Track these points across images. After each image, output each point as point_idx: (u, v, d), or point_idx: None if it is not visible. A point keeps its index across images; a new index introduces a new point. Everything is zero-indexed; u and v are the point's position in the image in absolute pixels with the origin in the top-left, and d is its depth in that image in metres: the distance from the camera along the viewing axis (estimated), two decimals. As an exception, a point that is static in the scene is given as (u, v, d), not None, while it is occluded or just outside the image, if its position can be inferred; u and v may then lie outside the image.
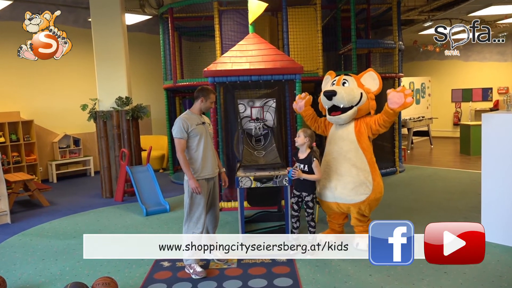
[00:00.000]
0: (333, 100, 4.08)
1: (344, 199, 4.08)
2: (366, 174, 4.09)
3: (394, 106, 3.83)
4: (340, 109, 4.11)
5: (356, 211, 4.14)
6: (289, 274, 3.68)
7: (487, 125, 4.28)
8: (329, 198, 4.17)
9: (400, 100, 3.80)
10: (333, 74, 4.52)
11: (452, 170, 8.18)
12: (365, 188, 4.06)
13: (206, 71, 5.18)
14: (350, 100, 4.07)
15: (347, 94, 4.07)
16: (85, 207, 6.43)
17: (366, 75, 4.25)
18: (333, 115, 4.17)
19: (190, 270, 3.73)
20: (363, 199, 4.06)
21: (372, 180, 4.09)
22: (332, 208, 4.23)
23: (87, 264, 4.10)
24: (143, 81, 10.37)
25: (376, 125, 4.06)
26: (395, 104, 3.82)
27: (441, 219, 5.07)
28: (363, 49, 7.75)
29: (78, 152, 9.06)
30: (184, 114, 3.77)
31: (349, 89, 4.13)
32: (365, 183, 4.07)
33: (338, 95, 4.06)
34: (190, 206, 3.71)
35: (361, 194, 4.05)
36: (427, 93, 12.88)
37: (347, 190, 4.05)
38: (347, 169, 4.09)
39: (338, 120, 4.17)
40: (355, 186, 4.05)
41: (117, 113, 6.92)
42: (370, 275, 3.60)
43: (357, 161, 4.09)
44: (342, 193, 4.06)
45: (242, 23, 6.90)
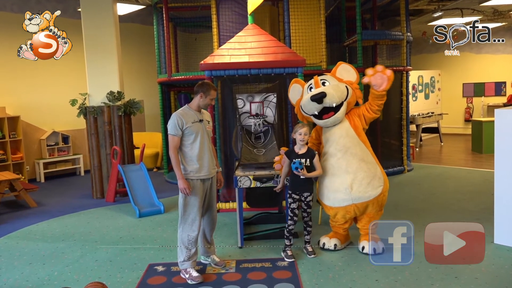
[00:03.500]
0: (324, 102, 4.10)
1: (362, 198, 4.06)
2: (374, 166, 4.16)
3: (382, 87, 4.03)
4: (333, 109, 4.13)
5: (374, 208, 4.14)
6: (290, 279, 3.68)
7: (501, 121, 4.27)
8: (345, 202, 4.10)
9: (383, 78, 4.01)
10: (300, 81, 4.55)
11: (463, 169, 8.18)
12: (379, 180, 4.11)
13: (203, 64, 5.17)
14: (340, 96, 4.14)
15: (336, 91, 4.14)
16: (74, 208, 6.42)
17: (340, 69, 4.37)
18: (325, 117, 4.17)
19: (186, 275, 3.73)
20: (379, 192, 4.09)
21: (380, 171, 4.18)
22: (347, 214, 4.16)
23: (77, 268, 4.10)
24: (136, 75, 10.35)
25: (370, 112, 4.20)
26: (381, 85, 4.02)
27: (452, 220, 5.07)
28: (369, 41, 7.74)
29: (67, 150, 9.05)
30: (181, 110, 3.76)
31: (335, 85, 4.20)
32: (377, 175, 4.12)
33: (328, 95, 4.09)
34: (184, 207, 3.70)
35: (377, 187, 4.08)
36: (437, 88, 12.88)
37: (363, 187, 4.05)
38: (357, 165, 4.09)
39: (334, 121, 4.18)
40: (370, 180, 4.07)
41: (108, 108, 6.91)
42: (376, 280, 3.60)
43: (363, 154, 4.14)
44: (359, 191, 4.05)
45: (240, 13, 6.88)
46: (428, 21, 10.64)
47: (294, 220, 4.14)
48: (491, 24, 10.84)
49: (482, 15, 9.82)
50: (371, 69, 4.12)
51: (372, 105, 4.16)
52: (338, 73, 4.35)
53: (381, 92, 4.06)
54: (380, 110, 4.22)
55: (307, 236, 4.21)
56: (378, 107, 4.16)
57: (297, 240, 4.52)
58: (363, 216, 4.23)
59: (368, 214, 4.19)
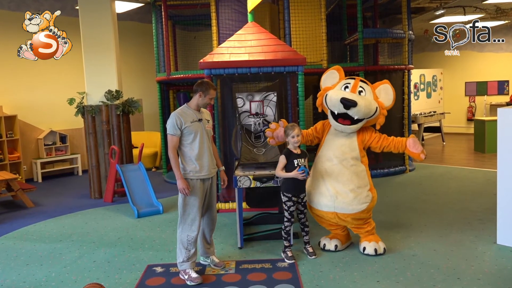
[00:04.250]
0: (350, 109, 4.04)
1: (344, 209, 4.05)
2: (365, 182, 4.14)
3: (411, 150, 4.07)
4: (352, 119, 4.09)
5: (354, 222, 4.15)
6: (291, 280, 3.68)
7: (503, 120, 4.27)
8: (327, 208, 4.11)
9: (417, 150, 4.04)
10: (341, 71, 4.42)
11: (465, 169, 8.18)
12: (366, 197, 4.09)
13: (202, 62, 5.16)
14: (366, 114, 4.08)
15: (366, 107, 4.05)
16: (72, 209, 6.42)
17: (381, 88, 4.25)
18: (341, 122, 4.14)
19: (185, 276, 3.73)
20: (363, 208, 4.07)
21: (370, 189, 4.15)
22: (328, 218, 4.20)
23: (74, 269, 4.10)
24: (134, 74, 10.35)
25: (378, 146, 4.23)
26: (412, 149, 4.06)
27: (454, 221, 5.08)
28: (370, 39, 7.74)
29: (65, 149, 9.05)
30: (180, 109, 3.76)
31: (368, 101, 4.10)
32: (365, 192, 4.10)
33: (358, 107, 4.01)
34: (184, 207, 3.70)
35: (362, 203, 4.06)
36: (439, 86, 12.87)
37: (349, 199, 4.04)
38: (349, 177, 4.08)
39: (346, 129, 4.16)
40: (357, 195, 4.05)
41: (106, 107, 6.91)
42: (377, 282, 3.60)
43: (358, 169, 4.12)
44: (343, 202, 4.04)
45: (240, 11, 6.88)
46: (430, 19, 10.64)
47: (291, 221, 4.15)
48: (494, 22, 10.84)
49: (484, 13, 9.81)
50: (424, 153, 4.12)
51: (384, 143, 4.19)
52: (378, 90, 4.24)
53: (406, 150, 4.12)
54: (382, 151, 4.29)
55: (306, 236, 4.21)
56: (385, 149, 4.22)
57: (297, 241, 4.52)
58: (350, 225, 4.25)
59: (350, 225, 4.22)
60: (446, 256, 4.06)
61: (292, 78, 5.45)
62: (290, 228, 4.16)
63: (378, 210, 4.60)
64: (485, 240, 4.44)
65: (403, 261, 3.99)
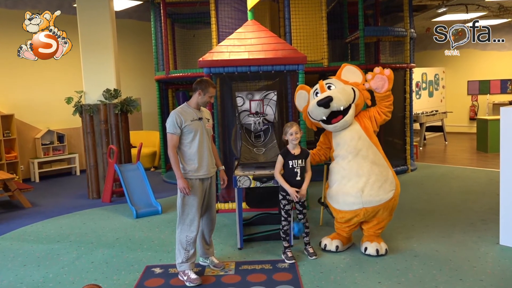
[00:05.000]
0: (331, 106, 4.08)
1: (372, 202, 4.04)
2: (386, 169, 4.14)
3: (384, 88, 4.09)
4: (341, 112, 4.13)
5: (385, 213, 4.13)
6: (291, 281, 3.68)
7: (506, 119, 4.27)
8: (355, 205, 4.08)
9: (383, 79, 4.08)
10: (305, 87, 4.53)
11: (468, 169, 8.18)
12: (390, 184, 4.10)
13: (202, 61, 5.16)
14: (347, 99, 4.13)
15: (342, 94, 4.13)
16: (70, 209, 6.42)
17: (344, 71, 4.36)
18: (334, 122, 4.16)
19: (184, 277, 3.73)
20: (391, 196, 4.07)
21: (392, 174, 4.17)
22: (357, 217, 4.14)
23: (72, 270, 4.10)
24: (133, 72, 10.34)
25: (381, 114, 4.23)
26: (384, 86, 4.08)
27: (456, 221, 5.08)
28: (372, 37, 7.72)
29: (63, 149, 9.05)
30: (180, 108, 3.77)
31: (340, 88, 4.20)
32: (388, 179, 4.11)
33: (335, 98, 4.08)
34: (182, 207, 3.70)
35: (389, 191, 4.07)
36: (441, 85, 12.87)
37: (375, 190, 4.03)
38: (369, 168, 4.08)
39: (344, 124, 4.16)
40: (382, 183, 4.06)
41: (104, 106, 6.91)
42: (379, 283, 3.60)
43: (375, 157, 4.13)
44: (370, 195, 4.02)
45: (240, 9, 6.87)
46: (432, 17, 10.64)
47: (289, 220, 4.16)
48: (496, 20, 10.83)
49: (487, 10, 9.81)
50: (370, 73, 4.17)
51: (381, 107, 4.21)
52: (343, 75, 4.34)
53: (384, 93, 4.11)
54: (391, 111, 4.25)
55: (306, 237, 4.22)
56: (387, 108, 4.20)
57: (297, 242, 4.52)
58: (373, 220, 4.21)
59: (378, 218, 4.19)
60: (448, 257, 4.06)
61: (292, 77, 5.45)
62: (288, 227, 4.16)
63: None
64: (488, 240, 4.44)
65: (405, 262, 3.99)
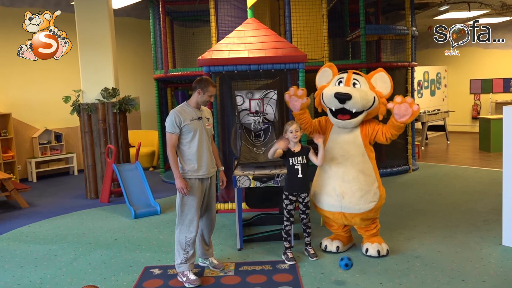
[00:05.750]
0: (346, 103, 4.00)
1: (351, 208, 4.05)
2: (372, 180, 4.10)
3: (404, 119, 3.89)
4: (350, 113, 4.06)
5: (362, 221, 4.14)
6: (291, 282, 3.68)
7: (509, 119, 4.27)
8: (334, 208, 4.11)
9: (407, 111, 3.87)
10: (334, 67, 4.42)
11: (470, 168, 8.18)
12: (373, 195, 4.07)
13: (201, 59, 5.16)
14: (364, 105, 4.02)
15: (362, 98, 4.00)
16: (67, 209, 6.42)
17: (377, 77, 4.18)
18: (340, 118, 4.11)
19: (183, 278, 3.73)
20: (371, 207, 4.06)
21: (378, 187, 4.12)
22: (335, 219, 4.21)
23: (70, 271, 4.10)
24: (131, 71, 10.34)
25: (384, 137, 4.07)
26: (404, 116, 3.88)
27: (459, 222, 5.08)
28: (373, 36, 7.73)
29: (60, 148, 9.05)
30: (179, 107, 3.77)
31: (364, 92, 4.05)
32: (372, 190, 4.07)
33: (353, 99, 3.98)
34: (181, 207, 3.70)
35: (369, 202, 4.05)
36: (443, 84, 12.85)
37: (356, 199, 4.03)
38: (355, 175, 4.06)
39: (347, 125, 4.11)
40: (364, 193, 4.04)
41: (102, 105, 6.90)
42: (380, 284, 3.60)
43: (364, 166, 4.09)
44: (350, 202, 4.03)
45: (240, 7, 6.86)
46: (434, 15, 10.63)
47: (291, 221, 4.16)
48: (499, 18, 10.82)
49: (489, 8, 9.80)
50: (401, 97, 3.96)
51: (387, 132, 4.04)
52: (373, 79, 4.18)
53: (400, 123, 3.92)
54: (391, 140, 4.11)
55: (307, 238, 4.21)
56: (392, 137, 4.05)
57: (298, 242, 4.53)
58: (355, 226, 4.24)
59: (356, 226, 4.21)
60: (450, 258, 4.06)
61: (292, 76, 5.44)
62: (290, 228, 4.16)
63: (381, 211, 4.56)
64: (490, 241, 4.44)
65: (406, 262, 3.99)
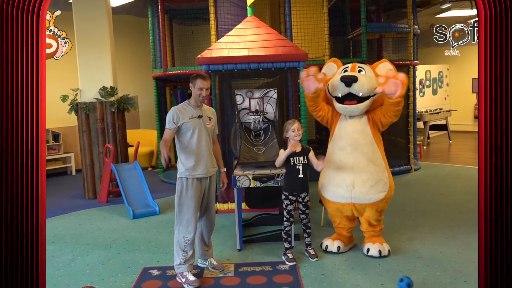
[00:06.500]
0: (352, 87, 4.01)
1: (362, 199, 4.05)
2: (382, 169, 4.12)
3: (397, 94, 3.85)
4: (357, 98, 4.06)
5: (372, 212, 4.13)
6: (292, 283, 3.67)
7: (512, 118, 4.26)
8: (344, 199, 4.11)
9: (396, 85, 3.84)
10: (338, 62, 4.46)
11: (473, 168, 8.16)
12: (383, 185, 4.08)
13: (200, 58, 5.15)
14: (370, 89, 4.03)
15: (368, 81, 4.04)
16: (65, 209, 6.42)
17: (381, 66, 4.24)
18: (347, 103, 4.10)
19: (182, 279, 3.73)
20: (382, 197, 4.07)
21: (388, 176, 4.14)
22: (344, 211, 4.18)
23: (68, 272, 4.10)
24: (129, 70, 10.34)
25: (387, 117, 4.06)
26: (396, 92, 3.85)
27: (461, 222, 5.08)
28: (374, 34, 7.73)
29: (58, 148, 9.05)
30: (180, 105, 3.81)
31: (369, 77, 4.11)
32: (382, 180, 4.09)
33: (359, 81, 4.00)
34: (179, 207, 3.70)
35: (380, 192, 4.06)
36: (445, 83, 12.86)
37: (366, 188, 4.04)
38: (365, 164, 4.07)
39: (354, 110, 4.10)
40: (374, 183, 4.05)
41: (101, 105, 6.90)
42: (382, 285, 3.59)
43: (373, 155, 4.11)
44: (360, 192, 4.04)
45: (239, 5, 6.86)
46: (436, 13, 10.64)
47: (291, 221, 4.16)
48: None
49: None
50: (382, 76, 3.98)
51: (388, 111, 4.03)
52: (378, 68, 4.23)
53: (396, 99, 3.90)
54: (397, 117, 4.08)
55: (308, 238, 4.21)
56: (394, 113, 4.03)
57: (298, 243, 4.52)
58: (362, 220, 4.23)
59: (366, 218, 4.20)
60: (452, 259, 4.05)
61: (293, 74, 5.45)
62: (290, 228, 4.16)
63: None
64: (493, 242, 4.43)
65: (408, 263, 3.99)
